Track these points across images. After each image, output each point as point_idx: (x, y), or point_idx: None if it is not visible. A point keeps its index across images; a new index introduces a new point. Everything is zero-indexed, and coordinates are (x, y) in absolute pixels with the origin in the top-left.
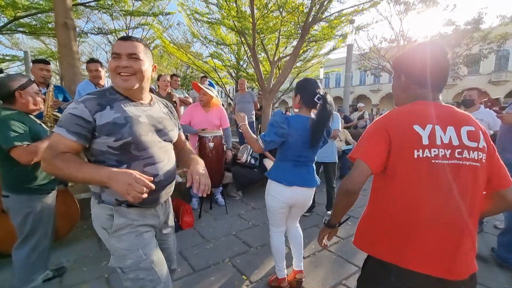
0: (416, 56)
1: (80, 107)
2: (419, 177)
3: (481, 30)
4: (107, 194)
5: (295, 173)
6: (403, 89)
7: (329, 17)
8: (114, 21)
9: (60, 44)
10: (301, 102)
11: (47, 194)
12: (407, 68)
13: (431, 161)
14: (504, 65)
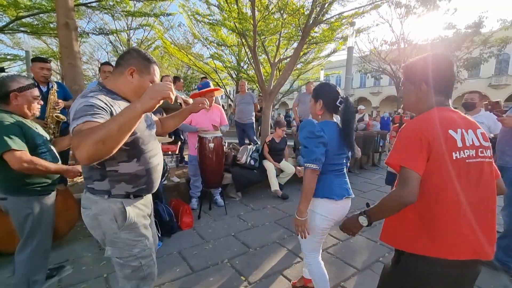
0: (436, 66)
1: (102, 97)
2: (458, 175)
3: (482, 34)
4: (117, 189)
5: (339, 184)
6: (421, 97)
7: (329, 19)
8: (115, 22)
9: (62, 44)
10: (324, 108)
11: (47, 195)
12: (428, 78)
13: (465, 161)
14: (504, 69)
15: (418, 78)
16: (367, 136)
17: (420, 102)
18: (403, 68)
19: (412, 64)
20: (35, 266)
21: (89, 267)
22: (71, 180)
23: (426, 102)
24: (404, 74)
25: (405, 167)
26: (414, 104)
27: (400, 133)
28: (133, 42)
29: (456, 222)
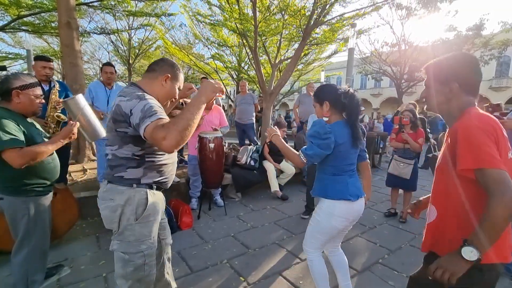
0: (468, 65)
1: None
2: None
3: (483, 36)
4: (147, 178)
5: (354, 184)
6: (451, 97)
7: (330, 20)
8: (117, 21)
9: (63, 43)
10: (332, 108)
11: (44, 196)
12: (461, 77)
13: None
14: (505, 71)
15: (448, 77)
16: (367, 138)
17: (450, 102)
18: (428, 67)
19: (440, 63)
20: (33, 267)
21: (88, 266)
22: (71, 180)
23: (457, 102)
24: (430, 73)
25: (494, 168)
26: (442, 104)
27: (463, 133)
28: (134, 42)
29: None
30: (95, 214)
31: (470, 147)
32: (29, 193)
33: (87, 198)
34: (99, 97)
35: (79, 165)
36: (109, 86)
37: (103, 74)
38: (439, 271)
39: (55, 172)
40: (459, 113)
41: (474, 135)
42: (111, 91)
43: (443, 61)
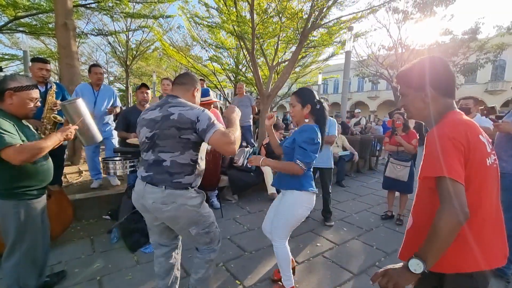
0: (438, 67)
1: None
2: (490, 182)
3: (478, 40)
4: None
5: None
6: (428, 102)
7: (328, 23)
8: (114, 23)
9: (60, 45)
10: (310, 112)
11: (36, 199)
12: (434, 80)
13: (493, 166)
14: (500, 75)
15: (421, 82)
16: (364, 140)
17: (429, 107)
18: (399, 76)
19: (411, 70)
20: (26, 272)
21: (82, 269)
22: (66, 181)
23: (435, 106)
24: (403, 81)
25: (449, 178)
26: (422, 110)
27: (430, 141)
28: (132, 44)
29: (494, 230)
30: (90, 216)
31: (433, 155)
32: (21, 197)
33: (82, 200)
34: (86, 99)
35: (75, 167)
36: (97, 88)
37: (92, 76)
38: (385, 279)
39: (49, 174)
40: (440, 118)
41: (440, 144)
42: (99, 92)
43: (413, 68)
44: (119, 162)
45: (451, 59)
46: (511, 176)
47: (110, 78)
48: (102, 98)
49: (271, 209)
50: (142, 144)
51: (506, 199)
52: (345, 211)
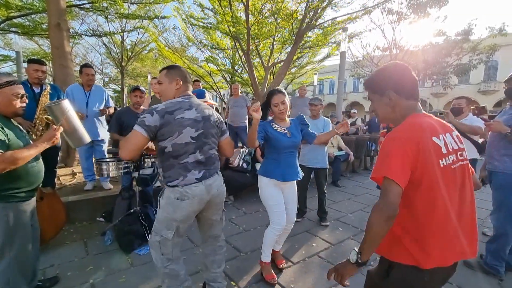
0: (398, 72)
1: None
2: (446, 183)
3: (471, 41)
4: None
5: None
6: (393, 106)
7: (322, 24)
8: (109, 24)
9: (53, 45)
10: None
11: (25, 201)
12: (395, 84)
13: (451, 167)
14: (493, 75)
15: (384, 87)
16: (359, 140)
17: (394, 110)
18: (365, 83)
19: (374, 76)
20: (16, 276)
21: (75, 272)
22: (59, 183)
23: (400, 109)
24: (369, 88)
25: (386, 177)
26: (388, 114)
27: (383, 143)
28: (127, 44)
29: (445, 230)
30: (84, 218)
31: (380, 157)
32: (9, 199)
33: (75, 202)
34: (77, 99)
35: (69, 169)
36: (88, 88)
37: (83, 76)
38: (334, 274)
39: (39, 176)
40: (402, 120)
41: (389, 145)
42: (90, 93)
43: (376, 74)
44: (113, 164)
45: (445, 59)
46: (503, 175)
47: (105, 79)
48: (93, 98)
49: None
50: (187, 145)
51: (498, 198)
52: (341, 211)
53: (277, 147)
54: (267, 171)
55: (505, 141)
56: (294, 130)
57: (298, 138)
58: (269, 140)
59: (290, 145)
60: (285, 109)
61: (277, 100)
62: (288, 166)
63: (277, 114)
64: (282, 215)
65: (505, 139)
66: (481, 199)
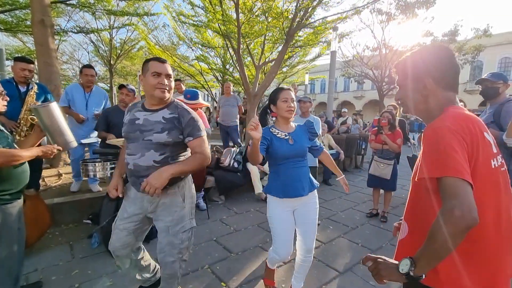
0: (440, 57)
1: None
2: (498, 187)
3: (457, 41)
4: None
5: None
6: (426, 96)
7: (313, 23)
8: (97, 21)
9: (37, 42)
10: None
11: (10, 204)
12: (435, 71)
13: (500, 169)
14: (478, 75)
15: (421, 72)
16: (349, 139)
17: (427, 101)
18: (398, 64)
19: (410, 59)
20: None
21: (60, 276)
22: (44, 185)
23: (435, 100)
24: (401, 70)
25: (452, 177)
26: (419, 104)
27: (429, 137)
28: (116, 42)
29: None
30: (69, 221)
31: (433, 153)
32: None
33: (61, 204)
34: (77, 101)
35: (54, 170)
36: (88, 89)
37: (82, 77)
38: (372, 265)
39: (24, 177)
40: (439, 113)
41: (441, 139)
42: (90, 94)
43: (414, 56)
44: (99, 164)
45: None
46: None
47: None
48: (93, 100)
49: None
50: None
51: None
52: (332, 210)
53: (274, 157)
54: (268, 186)
55: None
56: (299, 136)
57: (303, 146)
58: (268, 149)
59: (291, 154)
60: (294, 108)
61: (287, 95)
62: (290, 179)
63: (283, 112)
64: (285, 245)
65: None
66: None
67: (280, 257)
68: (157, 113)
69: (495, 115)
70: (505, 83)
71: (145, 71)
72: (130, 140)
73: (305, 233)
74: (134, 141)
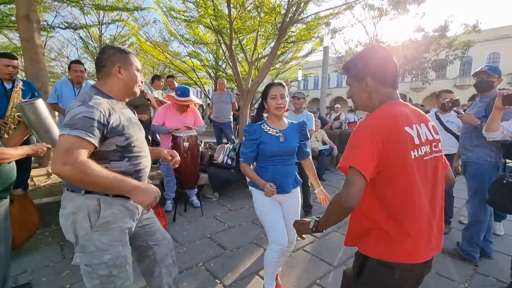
0: (378, 56)
1: (96, 111)
2: (418, 175)
3: (447, 37)
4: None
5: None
6: (370, 93)
7: (305, 18)
8: (85, 16)
9: (22, 38)
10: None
11: None
12: (373, 70)
13: (423, 159)
14: (468, 70)
15: (362, 72)
16: (343, 134)
17: (370, 97)
18: (344, 66)
19: (353, 60)
20: None
21: (50, 278)
22: (33, 184)
23: (376, 96)
24: (347, 72)
25: (352, 167)
26: (365, 101)
27: (354, 131)
28: (106, 39)
29: (418, 225)
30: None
31: (350, 145)
32: None
33: (51, 204)
34: (66, 97)
35: (43, 169)
36: (78, 85)
37: (71, 73)
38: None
39: (10, 176)
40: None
41: (359, 134)
42: (80, 91)
43: (356, 57)
44: None
45: (423, 55)
46: (476, 165)
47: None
48: None
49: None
50: None
51: (472, 187)
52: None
53: (265, 154)
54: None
55: (476, 132)
56: (290, 134)
57: (293, 145)
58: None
59: (281, 151)
60: (283, 104)
61: (276, 91)
62: (277, 176)
63: (272, 110)
64: (281, 232)
65: (476, 131)
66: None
67: (281, 245)
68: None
69: (486, 109)
70: (499, 77)
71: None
72: (139, 141)
73: (288, 226)
74: (143, 141)
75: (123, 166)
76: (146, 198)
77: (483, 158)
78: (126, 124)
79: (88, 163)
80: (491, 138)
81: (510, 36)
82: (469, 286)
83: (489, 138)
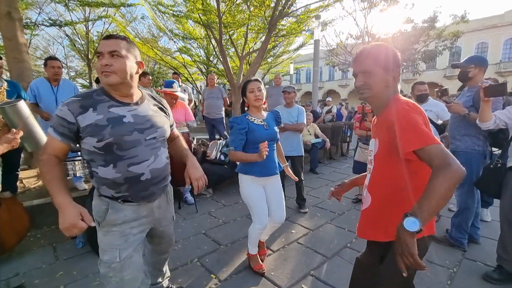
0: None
1: (64, 109)
2: None
3: (436, 28)
4: (103, 190)
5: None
6: (389, 84)
7: (295, 12)
8: (70, 13)
9: (4, 37)
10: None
11: None
12: (396, 68)
13: None
14: (457, 61)
15: (392, 64)
16: (335, 127)
17: (386, 90)
18: (367, 53)
19: (383, 50)
20: None
21: (43, 280)
22: (22, 187)
23: (392, 88)
24: (373, 58)
25: (433, 144)
26: (381, 92)
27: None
28: (93, 36)
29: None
30: (52, 222)
31: (412, 130)
32: None
33: (42, 206)
34: (44, 96)
35: (33, 171)
36: (55, 83)
37: (48, 70)
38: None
39: None
40: (388, 101)
41: (412, 117)
42: (58, 88)
43: (384, 49)
44: (78, 163)
45: (413, 46)
46: (464, 153)
47: (71, 73)
48: (63, 94)
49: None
50: None
51: None
52: (319, 197)
53: (254, 141)
54: (244, 167)
55: (465, 121)
56: (270, 122)
57: (274, 131)
58: (247, 134)
59: (267, 137)
60: (261, 96)
61: (253, 86)
62: (267, 160)
63: (252, 102)
64: (264, 213)
65: (464, 120)
66: None
67: (263, 225)
68: (142, 105)
69: (474, 99)
70: (477, 66)
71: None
72: (128, 144)
73: (277, 205)
74: (135, 144)
75: (109, 174)
76: (62, 222)
77: (471, 147)
78: (103, 124)
79: (44, 162)
80: (485, 128)
81: (497, 25)
82: (458, 271)
83: (483, 127)
